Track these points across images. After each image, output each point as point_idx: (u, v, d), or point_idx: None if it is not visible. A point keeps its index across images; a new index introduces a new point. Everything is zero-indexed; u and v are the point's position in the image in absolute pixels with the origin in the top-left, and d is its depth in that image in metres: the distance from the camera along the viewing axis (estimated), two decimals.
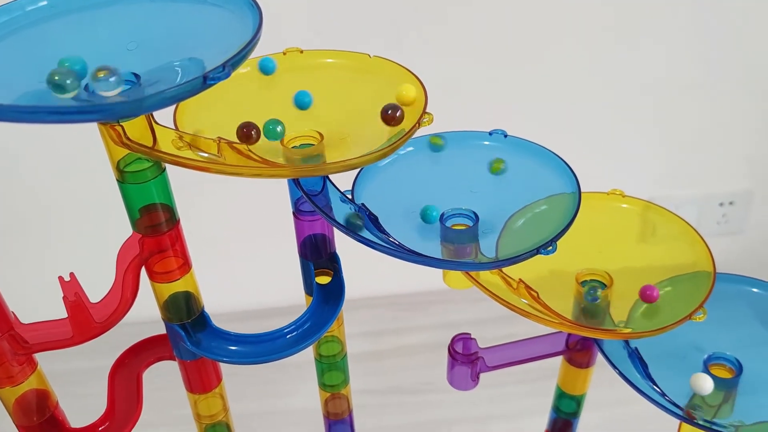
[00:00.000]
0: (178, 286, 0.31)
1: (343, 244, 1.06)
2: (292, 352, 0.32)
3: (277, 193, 0.40)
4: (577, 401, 0.45)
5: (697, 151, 0.86)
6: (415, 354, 0.86)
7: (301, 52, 0.35)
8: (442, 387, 0.86)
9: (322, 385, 0.42)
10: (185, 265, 0.30)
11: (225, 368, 0.85)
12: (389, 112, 0.28)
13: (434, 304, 0.93)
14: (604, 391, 0.76)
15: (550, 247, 0.30)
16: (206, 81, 0.22)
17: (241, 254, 0.87)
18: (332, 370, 0.42)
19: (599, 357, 0.40)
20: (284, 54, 0.35)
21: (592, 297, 0.35)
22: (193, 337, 0.32)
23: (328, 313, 0.34)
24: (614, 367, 0.38)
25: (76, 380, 0.82)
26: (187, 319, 0.32)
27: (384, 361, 0.85)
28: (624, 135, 0.83)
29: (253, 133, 0.27)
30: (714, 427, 0.36)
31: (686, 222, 0.40)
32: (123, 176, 0.27)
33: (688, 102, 0.82)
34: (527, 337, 0.45)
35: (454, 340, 0.40)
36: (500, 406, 0.75)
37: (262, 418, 0.77)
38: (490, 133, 0.38)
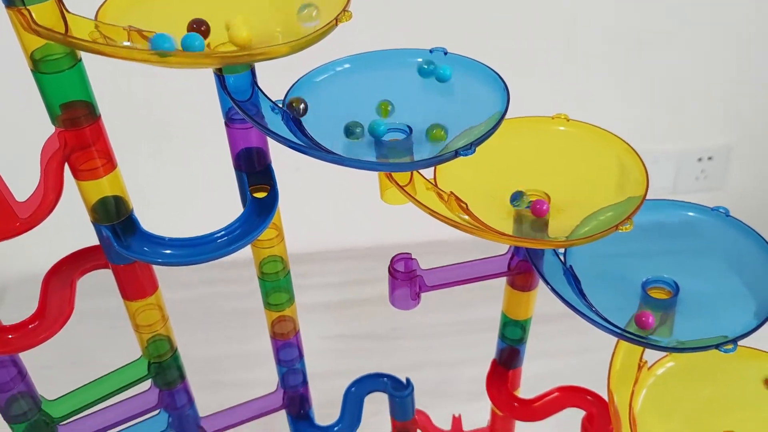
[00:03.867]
0: (105, 187, 0.31)
1: (327, 199, 1.05)
2: (220, 255, 0.33)
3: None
4: (522, 327, 0.46)
5: (675, 105, 0.85)
6: (386, 303, 0.86)
7: None
8: (414, 333, 0.87)
9: (267, 305, 0.43)
10: (109, 164, 0.31)
11: (193, 316, 0.86)
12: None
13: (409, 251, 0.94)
14: (572, 339, 0.77)
15: (470, 149, 0.30)
16: None
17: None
18: (276, 291, 0.42)
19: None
20: None
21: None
22: (123, 241, 0.33)
23: (259, 223, 0.34)
24: (549, 285, 0.38)
25: None
26: (116, 221, 0.32)
27: (360, 308, 0.86)
28: (600, 88, 0.83)
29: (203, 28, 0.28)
30: (650, 342, 0.36)
31: (629, 145, 0.40)
32: (36, 65, 0.27)
33: (666, 55, 0.81)
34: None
35: (394, 260, 0.41)
36: (468, 351, 0.76)
37: (222, 362, 0.79)
38: (431, 51, 0.38)
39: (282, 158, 0.48)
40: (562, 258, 0.40)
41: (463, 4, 0.76)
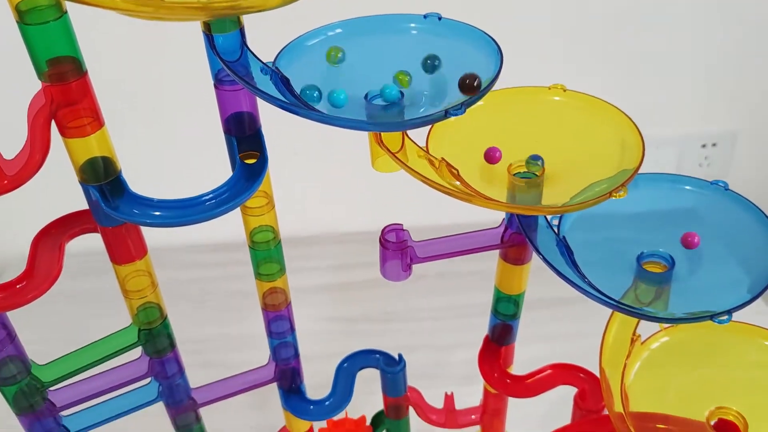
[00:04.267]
0: (93, 147, 0.31)
1: (324, 183, 1.03)
2: (208, 217, 0.33)
3: None
4: (515, 302, 0.45)
5: (679, 89, 0.84)
6: (383, 286, 0.86)
7: None
8: (408, 317, 0.87)
9: (258, 276, 0.42)
10: (96, 122, 0.31)
11: (189, 297, 0.86)
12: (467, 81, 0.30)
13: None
14: (565, 325, 0.77)
15: (460, 109, 0.30)
16: None
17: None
18: (268, 261, 0.42)
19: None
20: None
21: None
22: (111, 202, 0.33)
23: (247, 187, 0.34)
24: (541, 256, 0.38)
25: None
26: (104, 181, 0.32)
27: (353, 292, 0.86)
28: (601, 71, 0.82)
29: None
30: (643, 312, 0.36)
31: (626, 115, 0.39)
32: (22, 17, 0.27)
33: (669, 36, 0.80)
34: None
35: (385, 231, 0.40)
36: (462, 335, 0.76)
37: (216, 342, 0.79)
38: (425, 16, 0.37)
39: (280, 142, 0.47)
40: (555, 230, 0.39)
41: None
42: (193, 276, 0.89)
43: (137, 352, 0.41)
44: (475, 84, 0.30)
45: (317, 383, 0.53)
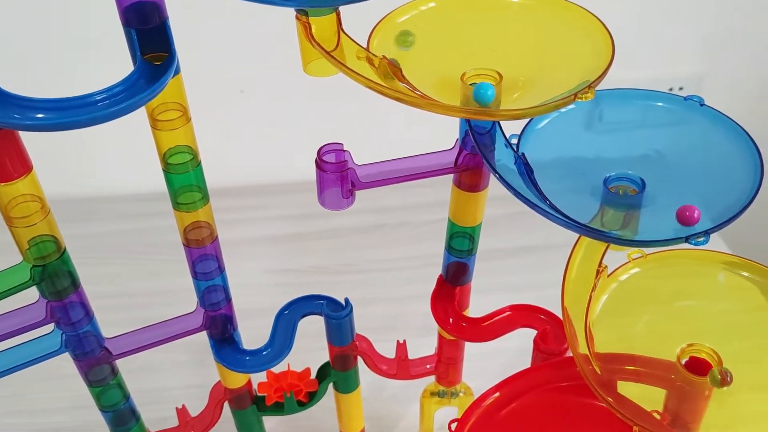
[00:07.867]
0: None
1: (275, 127, 0.96)
2: (100, 119, 0.27)
3: None
4: (470, 237, 0.41)
5: (644, 29, 0.80)
6: (339, 237, 0.82)
7: None
8: (363, 268, 0.82)
9: (177, 206, 0.37)
10: None
11: (127, 249, 0.79)
12: None
13: (364, 190, 0.88)
14: (527, 275, 0.73)
15: None
16: None
17: None
18: (187, 189, 0.36)
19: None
20: None
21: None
22: None
23: (147, 88, 0.28)
24: (498, 175, 0.33)
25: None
26: None
27: (307, 243, 0.81)
28: None
29: None
30: (611, 236, 0.32)
31: (596, 17, 0.35)
32: None
33: None
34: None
35: (322, 151, 0.35)
36: (420, 286, 0.71)
37: (158, 296, 0.73)
38: None
39: (225, 80, 0.40)
40: (514, 148, 0.35)
41: None
42: (134, 227, 0.83)
43: (35, 295, 0.36)
44: None
45: (266, 338, 0.48)
